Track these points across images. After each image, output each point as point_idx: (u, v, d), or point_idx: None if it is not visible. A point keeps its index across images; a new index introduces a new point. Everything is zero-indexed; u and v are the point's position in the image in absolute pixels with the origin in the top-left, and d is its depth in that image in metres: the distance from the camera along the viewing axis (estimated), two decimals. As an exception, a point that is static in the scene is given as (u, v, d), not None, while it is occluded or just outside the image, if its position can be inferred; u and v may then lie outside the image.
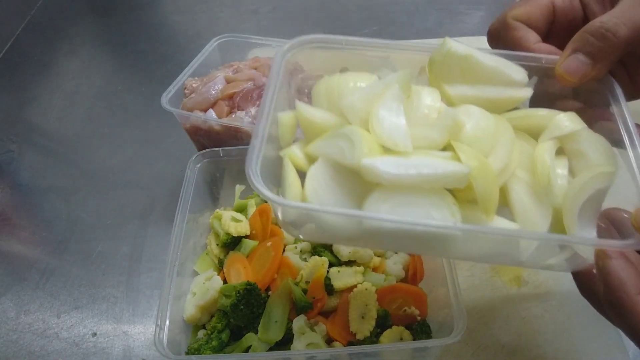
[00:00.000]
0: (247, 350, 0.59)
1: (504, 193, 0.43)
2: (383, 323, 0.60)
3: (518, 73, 0.47)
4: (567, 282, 0.68)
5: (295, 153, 0.44)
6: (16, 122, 1.04)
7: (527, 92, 0.47)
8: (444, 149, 0.42)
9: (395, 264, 0.66)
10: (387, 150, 0.41)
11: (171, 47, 1.21)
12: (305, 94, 0.81)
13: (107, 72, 1.17)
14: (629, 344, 0.63)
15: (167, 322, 0.56)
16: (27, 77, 1.15)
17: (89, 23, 1.35)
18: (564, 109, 0.46)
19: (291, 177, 0.43)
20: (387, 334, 0.59)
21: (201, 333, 0.63)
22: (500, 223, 0.41)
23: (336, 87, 0.46)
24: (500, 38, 0.51)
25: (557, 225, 0.42)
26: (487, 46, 0.51)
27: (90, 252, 0.78)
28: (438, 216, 0.39)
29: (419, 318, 0.61)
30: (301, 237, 0.63)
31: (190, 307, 0.63)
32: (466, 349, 0.63)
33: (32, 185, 0.91)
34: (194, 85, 0.83)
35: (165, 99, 0.77)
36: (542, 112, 0.46)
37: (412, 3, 1.29)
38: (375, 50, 0.51)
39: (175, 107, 0.78)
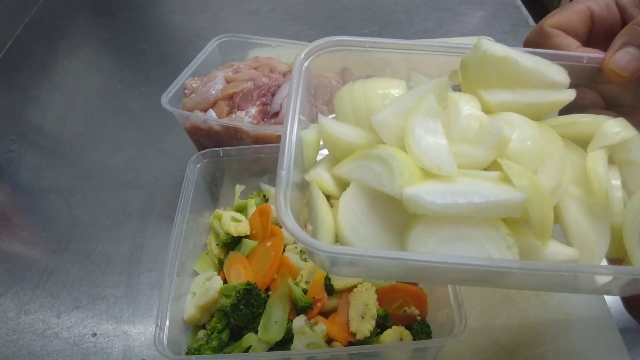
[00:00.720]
0: (247, 350, 0.59)
1: (556, 212, 0.39)
2: (383, 323, 0.60)
3: (559, 73, 0.43)
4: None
5: (322, 177, 0.41)
6: (16, 122, 1.04)
7: (571, 94, 0.43)
8: (489, 165, 0.38)
9: (395, 264, 0.66)
10: (428, 174, 0.37)
11: (171, 47, 1.21)
12: (314, 96, 0.81)
13: (107, 72, 1.17)
14: (629, 344, 0.63)
15: (167, 322, 0.56)
16: (27, 77, 1.15)
17: (89, 23, 1.35)
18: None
19: (322, 210, 0.39)
20: (387, 334, 0.59)
21: (201, 333, 0.63)
22: (557, 249, 0.37)
23: (363, 98, 0.42)
24: (538, 47, 0.48)
25: (616, 245, 0.39)
26: None
27: (90, 252, 0.78)
28: (493, 250, 0.35)
29: (419, 318, 0.61)
30: (342, 275, 0.59)
31: (190, 307, 0.63)
32: (466, 349, 0.63)
33: (32, 185, 0.91)
34: (194, 85, 0.83)
35: (165, 99, 0.77)
36: (585, 118, 0.43)
37: (412, 3, 1.29)
38: (401, 51, 0.47)
39: (175, 107, 0.78)
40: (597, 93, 0.47)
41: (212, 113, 0.79)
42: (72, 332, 0.69)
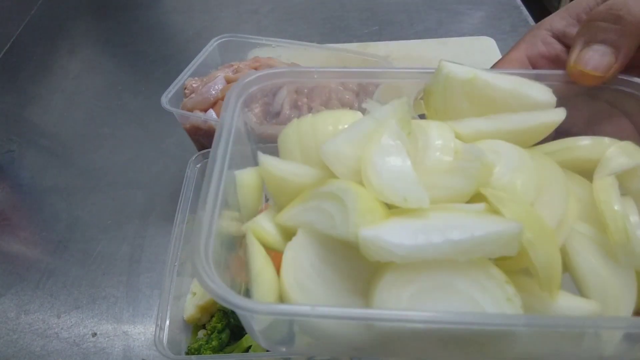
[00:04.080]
0: (247, 350, 0.59)
1: (563, 257, 0.31)
2: (383, 323, 0.60)
3: (542, 92, 0.36)
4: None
5: (263, 227, 0.33)
6: (16, 122, 1.04)
7: (560, 114, 0.36)
8: (469, 202, 0.31)
9: (395, 264, 0.66)
10: (392, 210, 0.29)
11: (171, 47, 1.21)
12: (305, 94, 0.81)
13: (107, 72, 1.17)
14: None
15: (167, 322, 0.56)
16: (27, 77, 1.15)
17: (89, 23, 1.35)
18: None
19: (259, 263, 0.31)
20: (387, 334, 0.59)
21: (201, 333, 0.63)
22: (571, 302, 0.30)
23: (311, 133, 0.35)
24: None
25: None
26: (489, 47, 0.44)
27: (90, 252, 0.78)
28: (488, 304, 0.27)
29: (419, 318, 0.61)
30: (288, 354, 0.46)
31: (190, 307, 0.63)
32: (466, 349, 0.63)
33: (32, 185, 0.91)
34: (194, 85, 0.83)
35: (165, 99, 0.77)
36: (585, 142, 0.36)
37: (412, 3, 1.29)
38: (353, 78, 0.41)
39: (175, 107, 0.78)
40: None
41: (212, 113, 0.79)
42: (72, 332, 0.69)
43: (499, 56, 1.07)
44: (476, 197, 0.30)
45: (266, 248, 0.32)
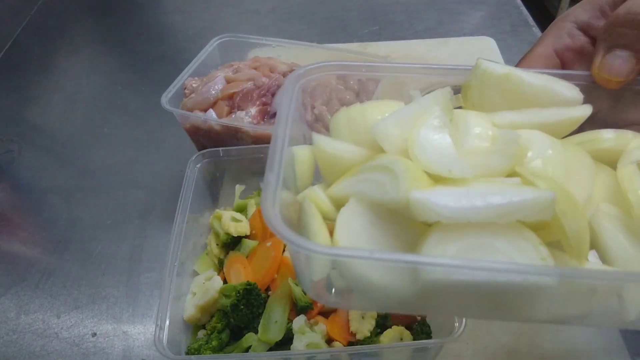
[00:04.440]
0: (247, 350, 0.59)
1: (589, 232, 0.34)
2: (383, 323, 0.60)
3: (569, 89, 0.40)
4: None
5: (318, 195, 0.37)
6: (16, 122, 1.04)
7: (587, 110, 0.39)
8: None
9: (395, 264, 0.66)
10: (438, 180, 0.33)
11: (171, 47, 1.21)
12: (306, 93, 0.81)
13: (107, 72, 1.17)
14: (629, 344, 0.63)
15: (167, 322, 0.56)
16: (27, 77, 1.15)
17: (89, 23, 1.35)
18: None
19: (316, 223, 0.34)
20: (387, 334, 0.59)
21: (201, 333, 0.63)
22: (598, 268, 0.33)
23: (361, 118, 0.39)
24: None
25: None
26: (489, 46, 0.47)
27: (90, 252, 0.78)
28: (524, 261, 0.30)
29: (419, 318, 0.61)
30: (338, 304, 0.50)
31: (190, 307, 0.63)
32: (466, 349, 0.63)
33: (32, 185, 0.91)
34: (194, 85, 0.83)
35: (165, 99, 0.77)
36: (609, 134, 0.39)
37: (412, 3, 1.29)
38: (398, 73, 0.44)
39: (175, 107, 0.78)
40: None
41: (212, 113, 0.79)
42: (72, 332, 0.69)
43: (499, 56, 1.08)
44: (511, 177, 0.33)
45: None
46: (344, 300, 0.37)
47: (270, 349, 0.59)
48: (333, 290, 0.35)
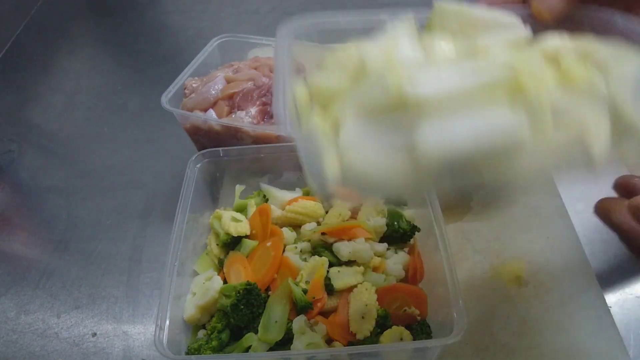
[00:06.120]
0: (247, 350, 0.59)
1: None
2: (383, 323, 0.60)
3: (509, 17, 0.50)
4: (567, 282, 0.68)
5: (319, 122, 0.40)
6: (16, 122, 1.04)
7: (528, 30, 0.48)
8: None
9: (395, 264, 0.66)
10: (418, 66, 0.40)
11: (171, 47, 1.21)
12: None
13: (107, 72, 1.17)
14: (629, 343, 0.63)
15: (167, 322, 0.56)
16: (27, 77, 1.15)
17: (89, 23, 1.35)
18: None
19: (324, 140, 0.38)
20: (387, 334, 0.59)
21: (201, 333, 0.63)
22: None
23: (344, 55, 0.45)
24: None
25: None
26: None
27: (90, 252, 0.78)
28: (502, 116, 0.35)
29: (419, 318, 0.61)
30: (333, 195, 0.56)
31: (190, 307, 0.63)
32: (466, 349, 0.63)
33: (32, 185, 0.91)
34: (194, 85, 0.83)
35: (165, 99, 0.77)
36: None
37: (412, 3, 1.29)
38: (376, 17, 0.52)
39: (175, 107, 0.78)
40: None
41: (212, 113, 0.79)
42: (72, 332, 0.69)
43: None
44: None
45: None
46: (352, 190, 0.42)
47: (270, 349, 0.59)
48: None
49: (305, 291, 0.62)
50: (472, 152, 0.36)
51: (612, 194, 0.50)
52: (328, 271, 0.64)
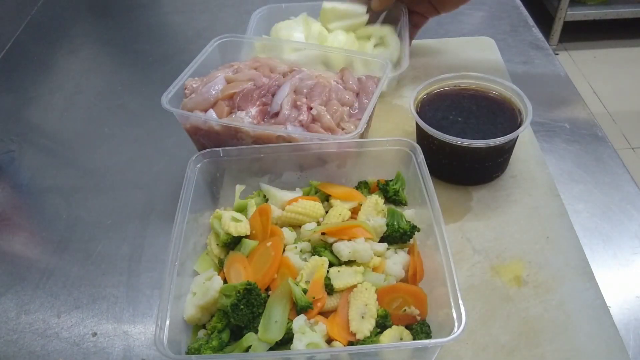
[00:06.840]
0: (247, 350, 0.59)
1: None
2: (383, 323, 0.60)
3: (360, 7, 0.97)
4: (567, 282, 0.69)
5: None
6: (16, 122, 1.04)
7: (366, 16, 0.98)
8: None
9: (395, 264, 0.66)
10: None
11: (171, 47, 1.21)
12: (304, 94, 0.81)
13: (107, 72, 1.17)
14: (629, 343, 0.63)
15: (167, 322, 0.56)
16: (27, 77, 1.15)
17: (89, 23, 1.35)
18: None
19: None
20: (387, 334, 0.59)
21: (201, 333, 0.63)
22: None
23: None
24: None
25: None
26: (489, 46, 0.52)
27: (90, 252, 0.78)
28: None
29: (419, 318, 0.61)
30: None
31: (190, 307, 0.63)
32: (466, 349, 0.63)
33: (32, 185, 0.91)
34: (194, 85, 0.83)
35: (165, 99, 0.77)
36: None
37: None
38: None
39: (175, 107, 0.78)
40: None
41: (212, 113, 0.79)
42: (72, 332, 0.69)
43: (499, 56, 1.08)
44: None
45: None
46: None
47: (270, 349, 0.59)
48: None
49: (305, 291, 0.62)
50: None
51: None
52: (328, 271, 0.64)
